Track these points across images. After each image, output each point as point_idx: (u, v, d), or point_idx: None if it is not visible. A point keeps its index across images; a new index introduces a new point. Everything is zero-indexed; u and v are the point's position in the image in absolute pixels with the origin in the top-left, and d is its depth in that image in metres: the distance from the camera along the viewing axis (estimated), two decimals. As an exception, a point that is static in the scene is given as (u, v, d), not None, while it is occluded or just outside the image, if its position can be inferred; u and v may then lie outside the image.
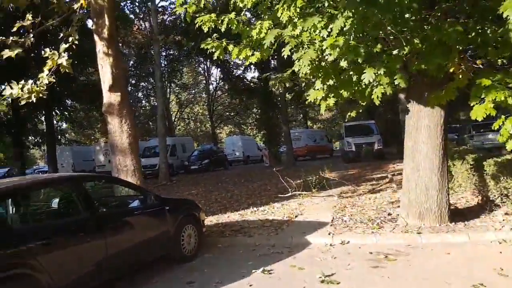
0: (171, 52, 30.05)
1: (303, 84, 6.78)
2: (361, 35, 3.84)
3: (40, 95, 6.19)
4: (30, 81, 6.05)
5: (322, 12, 3.96)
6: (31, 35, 7.20)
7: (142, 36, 23.10)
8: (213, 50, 5.85)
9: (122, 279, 5.12)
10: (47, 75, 6.17)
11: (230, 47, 5.69)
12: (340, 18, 3.55)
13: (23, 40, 6.99)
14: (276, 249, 6.14)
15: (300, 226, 7.35)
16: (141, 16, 26.04)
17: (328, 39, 3.71)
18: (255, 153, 35.63)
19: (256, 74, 39.50)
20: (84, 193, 4.72)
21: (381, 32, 3.98)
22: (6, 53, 6.64)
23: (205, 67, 40.24)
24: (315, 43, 3.96)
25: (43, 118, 29.73)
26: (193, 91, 45.18)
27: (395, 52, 4.16)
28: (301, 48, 4.08)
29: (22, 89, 6.07)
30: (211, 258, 6.10)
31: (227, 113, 44.23)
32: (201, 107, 49.23)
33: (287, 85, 7.15)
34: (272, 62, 26.76)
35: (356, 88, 4.54)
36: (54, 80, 6.40)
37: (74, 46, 6.68)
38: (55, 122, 29.91)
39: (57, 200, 4.85)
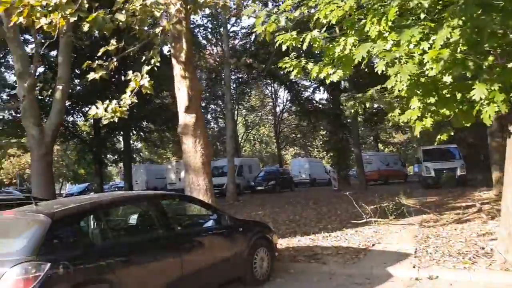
0: (240, 75, 30.77)
1: (385, 105, 6.38)
2: (467, 46, 3.43)
3: (122, 115, 6.44)
4: (114, 102, 6.32)
5: (417, 24, 3.64)
6: (115, 59, 7.58)
7: (213, 61, 23.95)
8: (291, 69, 5.71)
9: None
10: (129, 96, 6.41)
11: (310, 65, 5.52)
12: (445, 28, 3.22)
13: (107, 64, 7.37)
14: (354, 280, 5.71)
15: (379, 255, 6.83)
16: (213, 42, 27.09)
17: (429, 51, 3.37)
18: (321, 176, 34.87)
19: (325, 95, 39.02)
20: (162, 211, 4.73)
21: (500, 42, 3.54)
22: (92, 75, 7.03)
23: (272, 89, 40.64)
24: (413, 56, 3.64)
25: (121, 138, 31.74)
26: (260, 113, 45.71)
27: (510, 65, 3.67)
28: (397, 62, 3.77)
29: (106, 109, 6.35)
30: (283, 284, 5.82)
31: (293, 135, 44.05)
32: (267, 128, 49.59)
33: (367, 105, 6.78)
34: (342, 83, 26.30)
35: (460, 106, 4.09)
36: (136, 101, 6.65)
37: (155, 68, 6.91)
38: (131, 142, 31.79)
39: (135, 217, 4.91)
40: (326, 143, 27.48)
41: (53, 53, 22.32)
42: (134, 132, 28.07)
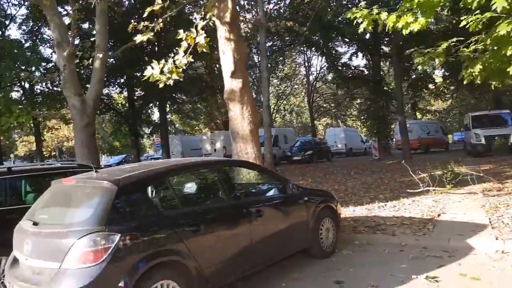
0: (273, 43, 29.82)
1: (463, 61, 5.67)
2: None
3: (178, 76, 6.03)
4: (170, 61, 5.88)
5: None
6: (160, 20, 7.14)
7: (247, 27, 23.13)
8: (360, 20, 5.09)
9: (259, 273, 4.69)
10: (183, 56, 5.95)
11: (383, 15, 4.89)
12: None
13: (153, 25, 6.94)
14: (431, 252, 5.23)
15: (450, 227, 6.28)
16: (246, 8, 26.15)
17: None
18: (358, 146, 34.04)
19: (361, 62, 37.59)
20: (227, 178, 4.36)
21: None
22: (139, 38, 6.64)
23: (305, 57, 39.45)
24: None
25: (155, 110, 31.81)
26: (291, 82, 44.64)
27: None
28: None
29: (162, 70, 5.94)
30: (351, 256, 5.41)
31: (326, 105, 42.95)
32: (297, 99, 48.59)
33: (437, 62, 6.07)
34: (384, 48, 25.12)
35: None
36: (193, 60, 6.19)
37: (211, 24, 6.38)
38: (164, 113, 31.74)
39: (200, 184, 4.56)
40: (365, 111, 26.47)
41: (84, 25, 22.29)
42: (169, 103, 27.93)
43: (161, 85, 5.90)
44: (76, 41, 12.09)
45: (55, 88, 22.83)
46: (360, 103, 37.23)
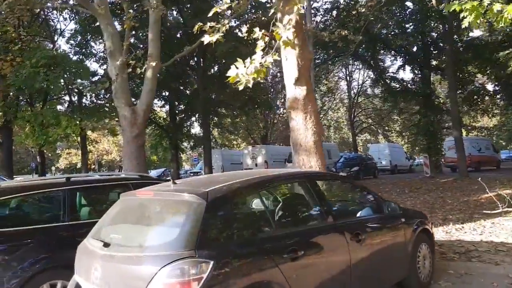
0: (317, 56, 29.23)
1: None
2: None
3: (263, 76, 5.48)
4: (258, 58, 5.27)
5: None
6: (227, 21, 6.66)
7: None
8: (466, 14, 4.37)
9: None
10: (262, 56, 5.36)
11: (497, 5, 4.15)
12: None
13: (220, 25, 6.46)
14: (556, 289, 4.33)
15: None
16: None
17: None
18: (402, 163, 32.55)
19: (406, 76, 36.37)
20: (321, 194, 3.70)
21: None
22: (206, 38, 6.17)
23: (347, 71, 38.57)
24: None
25: (195, 123, 31.78)
26: (330, 97, 43.71)
27: None
28: None
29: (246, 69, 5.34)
30: (452, 290, 4.59)
31: (369, 120, 41.65)
32: (335, 113, 47.53)
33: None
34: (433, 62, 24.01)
35: None
36: (279, 58, 5.62)
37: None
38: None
39: (292, 200, 3.92)
40: (415, 126, 25.19)
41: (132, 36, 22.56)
42: (211, 117, 27.73)
43: (241, 87, 5.35)
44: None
45: (99, 102, 23.17)
46: (403, 118, 35.81)
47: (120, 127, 15.58)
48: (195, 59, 23.26)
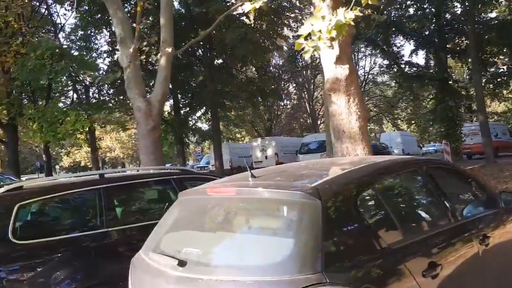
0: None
1: None
2: None
3: (343, 36, 4.63)
4: (342, 11, 4.35)
5: None
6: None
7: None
8: None
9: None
10: (345, 10, 4.43)
11: None
12: None
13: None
14: None
15: None
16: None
17: None
18: (415, 151, 31.75)
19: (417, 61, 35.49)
20: (442, 187, 2.89)
21: None
22: (247, 6, 5.42)
23: (354, 58, 37.52)
24: None
25: (201, 117, 30.92)
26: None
27: None
28: None
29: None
30: None
31: (376, 108, 40.72)
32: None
33: None
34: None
35: None
36: (361, 14, 4.73)
37: None
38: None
39: (412, 196, 3.09)
40: (431, 112, 24.36)
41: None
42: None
43: (307, 56, 4.52)
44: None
45: (106, 95, 22.27)
46: (413, 105, 34.99)
47: (132, 120, 14.89)
48: (201, 49, 22.35)
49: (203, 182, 4.67)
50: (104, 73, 18.05)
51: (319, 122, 44.24)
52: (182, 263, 2.14)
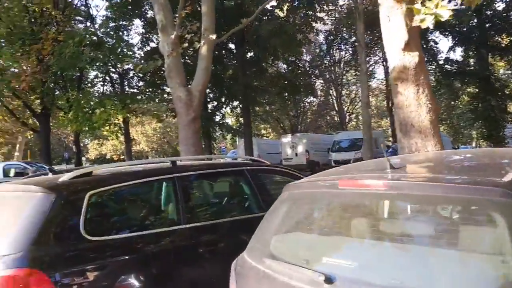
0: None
1: None
2: None
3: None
4: None
5: None
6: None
7: (342, 15, 20.82)
8: None
9: None
10: None
11: None
12: None
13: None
14: None
15: None
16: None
17: None
18: (449, 151, 30.59)
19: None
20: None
21: None
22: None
23: (384, 53, 36.45)
24: None
25: (230, 112, 30.53)
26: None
27: None
28: None
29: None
30: None
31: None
32: (376, 99, 45.49)
33: None
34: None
35: None
36: None
37: None
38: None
39: None
40: (471, 111, 23.29)
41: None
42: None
43: (424, 25, 3.99)
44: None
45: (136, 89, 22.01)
46: (447, 104, 33.71)
47: (169, 111, 14.58)
48: (233, 42, 21.86)
49: (278, 175, 4.22)
50: (131, 66, 17.80)
51: (347, 120, 43.32)
52: (329, 280, 1.62)
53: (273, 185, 3.79)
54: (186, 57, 16.46)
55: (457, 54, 57.71)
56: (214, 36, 9.69)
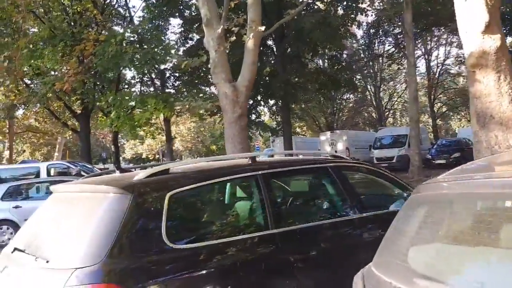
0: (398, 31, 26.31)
1: None
2: None
3: None
4: None
5: None
6: None
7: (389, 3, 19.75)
8: None
9: None
10: None
11: None
12: None
13: None
14: None
15: None
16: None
17: None
18: (498, 148, 28.90)
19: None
20: None
21: None
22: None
23: (427, 47, 34.88)
24: None
25: (265, 109, 30.11)
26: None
27: None
28: None
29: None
30: None
31: (450, 102, 37.70)
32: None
33: None
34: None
35: None
36: None
37: None
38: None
39: None
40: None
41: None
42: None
43: None
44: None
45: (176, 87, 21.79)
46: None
47: (215, 107, 14.34)
48: (272, 37, 21.37)
49: (365, 173, 3.72)
50: (175, 62, 17.61)
51: (385, 117, 41.98)
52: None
53: (362, 184, 3.31)
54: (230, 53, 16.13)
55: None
56: (262, 28, 9.22)
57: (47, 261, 2.00)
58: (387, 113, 42.16)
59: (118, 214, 2.06)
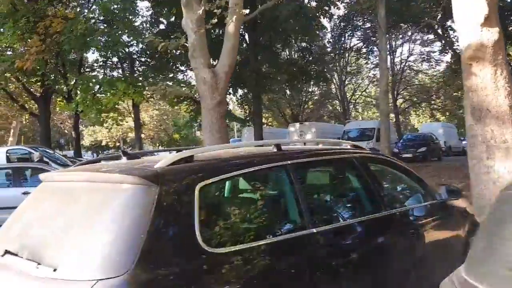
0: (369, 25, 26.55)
1: None
2: None
3: None
4: None
5: None
6: None
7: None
8: None
9: None
10: None
11: None
12: None
13: None
14: None
15: None
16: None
17: None
18: (456, 144, 30.08)
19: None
20: None
21: None
22: None
23: (391, 44, 35.57)
24: None
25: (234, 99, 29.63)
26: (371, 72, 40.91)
27: None
28: None
29: None
30: None
31: (413, 97, 38.80)
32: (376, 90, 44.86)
33: None
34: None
35: None
36: None
37: None
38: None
39: None
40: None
41: None
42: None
43: None
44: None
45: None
46: (455, 95, 33.17)
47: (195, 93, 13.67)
48: (245, 25, 20.88)
49: (389, 166, 3.45)
50: (147, 44, 16.70)
51: (350, 110, 42.66)
52: None
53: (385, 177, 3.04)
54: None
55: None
56: (246, 11, 8.79)
57: (55, 270, 1.57)
58: (352, 106, 42.87)
59: (143, 211, 1.65)
